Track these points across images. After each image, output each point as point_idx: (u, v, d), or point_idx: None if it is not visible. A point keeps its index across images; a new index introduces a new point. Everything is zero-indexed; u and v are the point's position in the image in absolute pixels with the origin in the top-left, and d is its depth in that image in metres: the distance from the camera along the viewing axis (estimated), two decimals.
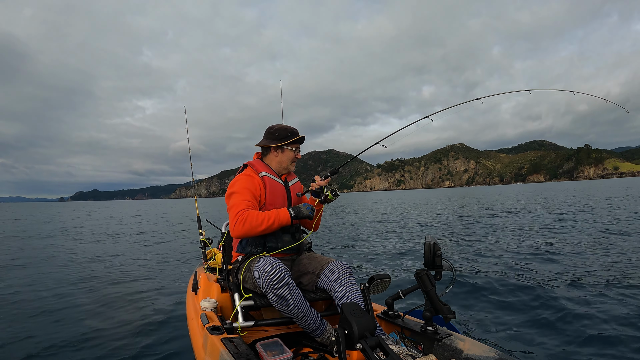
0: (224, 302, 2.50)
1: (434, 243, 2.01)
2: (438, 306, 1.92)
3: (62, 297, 4.63)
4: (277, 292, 2.00)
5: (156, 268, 6.40)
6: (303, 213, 2.25)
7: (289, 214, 2.22)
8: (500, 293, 4.26)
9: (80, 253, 8.34)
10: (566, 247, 6.85)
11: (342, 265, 2.25)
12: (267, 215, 2.18)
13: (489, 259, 6.13)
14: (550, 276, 4.85)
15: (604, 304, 3.71)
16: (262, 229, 2.16)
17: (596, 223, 10.26)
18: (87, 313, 3.96)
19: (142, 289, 4.92)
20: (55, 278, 5.66)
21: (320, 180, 2.38)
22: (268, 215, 2.18)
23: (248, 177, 2.34)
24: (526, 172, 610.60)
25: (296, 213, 2.24)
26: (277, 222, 2.19)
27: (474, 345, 1.78)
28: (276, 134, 2.42)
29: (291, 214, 2.23)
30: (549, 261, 5.78)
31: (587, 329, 3.20)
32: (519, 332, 3.18)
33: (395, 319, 2.19)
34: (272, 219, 2.18)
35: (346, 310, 1.68)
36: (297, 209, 2.25)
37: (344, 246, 8.38)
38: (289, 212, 2.23)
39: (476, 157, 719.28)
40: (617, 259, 5.72)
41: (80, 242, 10.46)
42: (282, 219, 2.21)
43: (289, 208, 2.26)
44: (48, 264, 7.03)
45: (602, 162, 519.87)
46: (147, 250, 8.51)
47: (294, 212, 2.24)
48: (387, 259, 6.58)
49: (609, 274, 4.87)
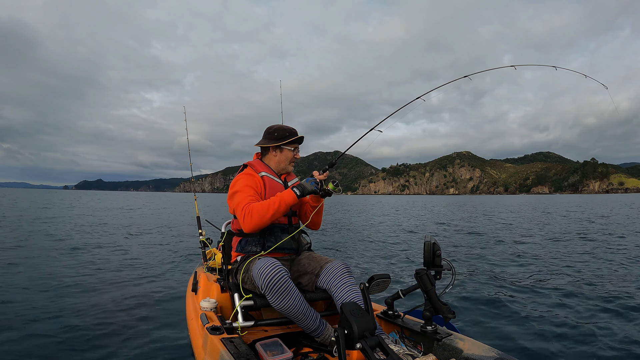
0: (223, 302, 2.50)
1: (434, 243, 2.01)
2: (438, 306, 1.92)
3: (58, 296, 4.61)
4: (276, 293, 2.00)
5: (155, 268, 6.39)
6: (308, 189, 2.21)
7: (293, 194, 2.18)
8: (500, 293, 4.26)
9: (77, 250, 8.33)
10: (567, 252, 6.85)
11: (341, 265, 2.24)
12: (270, 201, 2.17)
13: (489, 259, 6.13)
14: (549, 278, 4.85)
15: (603, 306, 3.72)
16: (270, 215, 2.14)
17: (597, 234, 10.27)
18: (83, 312, 3.95)
19: (140, 289, 4.91)
20: (49, 275, 5.65)
21: (318, 174, 2.37)
22: (272, 200, 2.17)
23: (248, 175, 2.36)
24: (531, 183, 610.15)
25: (302, 191, 2.20)
26: (284, 203, 2.16)
27: (474, 344, 1.78)
28: (275, 134, 2.42)
29: (296, 193, 2.18)
30: (549, 263, 5.79)
31: (586, 329, 3.20)
32: (518, 332, 3.18)
33: (395, 319, 2.19)
34: (277, 202, 2.15)
35: (346, 310, 1.68)
36: (302, 187, 2.21)
37: (344, 246, 8.38)
38: (294, 192, 2.19)
39: (482, 165, 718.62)
40: (617, 265, 5.72)
41: (78, 238, 10.45)
42: (287, 198, 2.17)
43: (293, 188, 2.21)
44: (41, 260, 7.02)
45: (607, 176, 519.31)
46: (146, 249, 8.50)
47: (299, 191, 2.19)
48: (386, 259, 6.58)
49: (608, 280, 4.88)
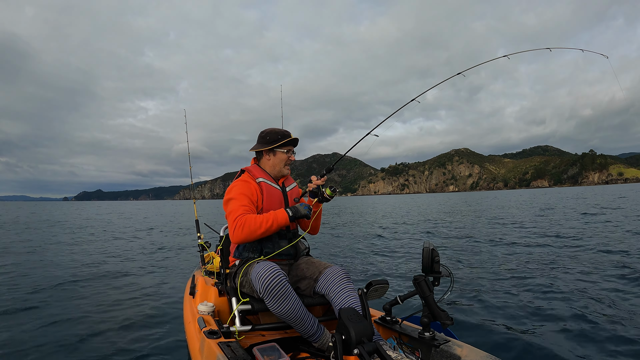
0: (221, 306, 2.49)
1: (432, 249, 2.01)
2: (436, 312, 1.92)
3: (57, 299, 4.60)
4: (274, 297, 1.99)
5: (153, 271, 6.38)
6: (301, 212, 2.26)
7: (286, 214, 2.23)
8: (499, 299, 4.26)
9: (77, 254, 8.31)
10: (565, 254, 6.85)
11: (340, 271, 2.24)
12: (264, 218, 2.18)
13: (488, 265, 6.12)
14: (549, 283, 4.84)
15: (603, 310, 3.71)
16: (262, 232, 2.16)
17: (600, 230, 10.27)
18: (82, 316, 3.94)
19: (138, 292, 4.89)
20: (50, 279, 5.64)
21: (316, 179, 2.38)
22: (266, 217, 2.19)
23: (245, 182, 2.35)
24: (530, 178, 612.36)
25: (294, 213, 2.25)
26: (276, 224, 2.19)
27: (472, 351, 1.77)
28: (267, 138, 2.44)
29: (289, 214, 2.23)
30: (548, 268, 5.78)
31: (586, 336, 3.20)
32: (516, 339, 3.17)
33: (393, 325, 2.18)
34: (270, 221, 2.18)
35: (344, 316, 1.68)
36: (295, 209, 2.26)
37: (342, 251, 8.37)
38: (287, 212, 2.24)
39: (480, 162, 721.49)
40: (621, 263, 5.72)
41: (78, 243, 10.44)
42: (280, 219, 2.21)
43: (286, 208, 2.27)
44: (43, 264, 7.00)
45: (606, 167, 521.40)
46: (145, 253, 8.48)
47: (292, 212, 2.25)
48: (385, 265, 6.57)
49: (611, 280, 4.87)
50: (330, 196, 2.34)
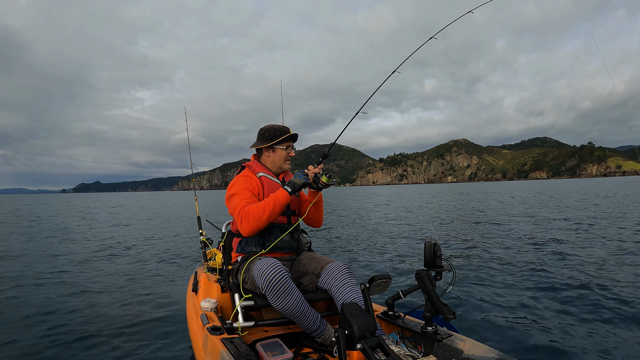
0: (224, 303, 2.50)
1: (434, 243, 2.01)
2: (438, 306, 1.92)
3: (58, 295, 4.62)
4: (276, 293, 2.00)
5: (155, 268, 6.40)
6: (298, 184, 2.26)
7: (285, 192, 2.23)
8: (501, 293, 4.26)
9: (77, 250, 8.34)
10: (568, 247, 6.84)
11: (342, 266, 2.25)
12: (265, 202, 2.19)
13: (490, 260, 6.12)
14: (551, 276, 4.84)
15: (607, 304, 3.71)
16: (267, 216, 2.16)
17: (603, 223, 10.26)
18: (84, 313, 3.95)
19: (141, 289, 4.91)
20: (50, 276, 5.66)
21: (313, 167, 2.37)
22: (266, 201, 2.20)
23: (246, 177, 2.37)
24: (529, 169, 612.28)
25: (292, 187, 2.25)
26: (278, 203, 2.19)
27: (475, 345, 1.78)
28: (266, 135, 2.44)
29: (288, 190, 2.24)
30: (551, 261, 5.78)
31: (589, 330, 3.20)
32: (519, 333, 3.18)
33: (395, 320, 2.19)
34: (271, 203, 2.18)
35: (346, 311, 1.68)
36: (292, 183, 2.27)
37: (344, 246, 8.37)
38: (286, 189, 2.24)
39: (479, 152, 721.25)
40: (622, 259, 5.72)
41: (78, 239, 10.46)
42: (281, 198, 2.21)
43: (284, 186, 2.26)
44: (44, 260, 7.03)
45: (605, 160, 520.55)
46: (146, 250, 8.50)
47: (290, 187, 2.25)
48: (387, 259, 6.58)
49: (617, 281, 4.87)
50: (327, 182, 2.32)
